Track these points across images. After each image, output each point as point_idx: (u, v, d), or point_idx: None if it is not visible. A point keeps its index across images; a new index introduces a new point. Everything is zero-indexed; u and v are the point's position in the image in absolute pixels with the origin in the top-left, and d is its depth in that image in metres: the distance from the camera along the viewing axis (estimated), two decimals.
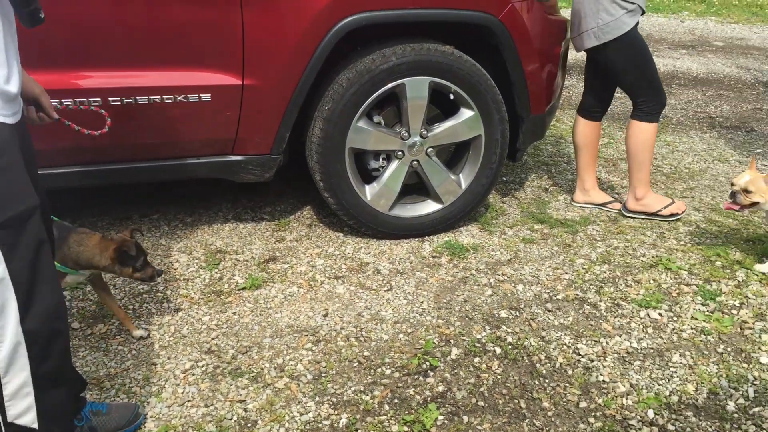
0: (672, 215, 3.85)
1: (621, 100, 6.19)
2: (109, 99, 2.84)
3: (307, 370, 2.55)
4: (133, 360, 2.58)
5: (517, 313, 2.93)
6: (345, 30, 3.00)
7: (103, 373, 2.50)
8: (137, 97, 2.88)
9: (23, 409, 1.70)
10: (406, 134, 3.32)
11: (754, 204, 3.15)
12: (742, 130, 5.67)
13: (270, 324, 2.81)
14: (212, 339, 2.71)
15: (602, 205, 3.98)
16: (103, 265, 2.46)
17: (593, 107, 3.88)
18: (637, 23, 3.57)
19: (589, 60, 3.83)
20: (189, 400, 2.38)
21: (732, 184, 3.21)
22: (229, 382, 2.47)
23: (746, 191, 3.13)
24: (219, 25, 2.88)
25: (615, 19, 3.49)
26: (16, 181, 1.62)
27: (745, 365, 2.64)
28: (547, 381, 2.53)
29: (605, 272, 3.27)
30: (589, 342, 2.75)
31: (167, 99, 2.92)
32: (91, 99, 2.80)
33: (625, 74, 3.66)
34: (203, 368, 2.54)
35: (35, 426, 1.73)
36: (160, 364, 2.56)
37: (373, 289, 3.10)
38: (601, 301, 3.04)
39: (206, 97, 2.97)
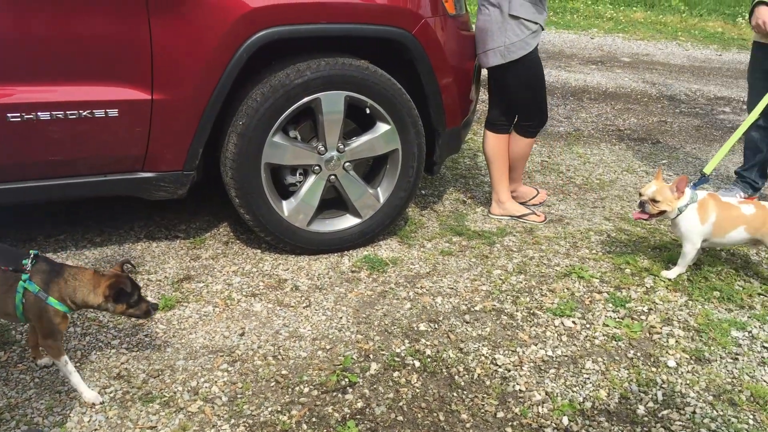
0: (536, 205, 4.29)
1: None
2: (8, 115, 2.71)
3: (222, 391, 2.48)
4: (36, 389, 2.45)
5: (436, 326, 2.95)
6: (258, 44, 2.96)
7: (2, 404, 2.36)
8: (39, 113, 2.76)
9: None
10: (323, 149, 3.30)
11: (662, 213, 3.27)
12: (648, 141, 5.91)
13: (184, 345, 2.73)
14: (122, 363, 2.60)
15: (519, 217, 4.06)
16: (97, 303, 2.30)
17: (499, 120, 3.96)
18: (537, 44, 3.67)
19: (490, 75, 3.90)
20: (96, 429, 2.27)
21: (640, 194, 3.32)
22: (140, 408, 2.37)
23: (654, 201, 3.25)
24: (125, 38, 2.79)
25: (520, 39, 3.58)
26: None
27: (653, 369, 2.73)
28: (465, 392, 2.55)
29: (521, 282, 3.33)
30: (506, 352, 2.79)
31: (71, 115, 2.81)
32: None
33: (518, 94, 3.80)
34: (111, 394, 2.43)
35: None
36: (64, 392, 2.43)
37: (292, 306, 3.05)
38: (517, 311, 3.09)
39: (113, 112, 2.87)
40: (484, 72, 3.94)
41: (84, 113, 2.83)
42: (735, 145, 3.64)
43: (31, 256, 2.25)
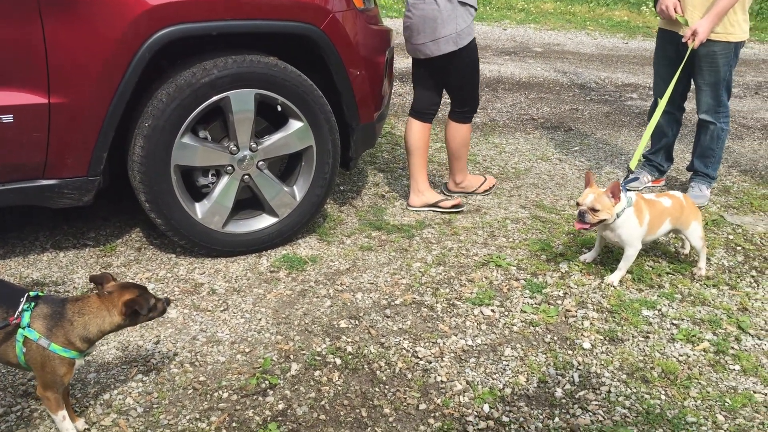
0: (487, 190, 4.43)
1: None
2: None
3: (138, 402, 2.40)
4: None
5: (357, 322, 2.94)
6: (160, 43, 2.86)
7: None
8: None
9: None
10: (235, 148, 3.23)
11: (602, 221, 3.18)
12: (561, 129, 6.06)
13: (95, 357, 2.62)
14: (28, 380, 2.47)
15: (437, 203, 4.09)
16: (116, 325, 2.10)
17: (427, 109, 4.00)
18: None
19: (420, 64, 3.92)
20: None
21: (578, 204, 3.20)
22: (49, 425, 2.26)
23: (593, 210, 3.14)
24: (16, 39, 2.65)
25: (467, 25, 3.71)
26: None
27: (570, 352, 2.80)
28: (387, 387, 2.55)
29: (441, 274, 3.36)
30: (427, 344, 2.80)
31: None
32: None
33: (462, 79, 3.91)
34: (18, 413, 2.32)
35: None
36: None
37: (209, 310, 2.98)
38: (437, 302, 3.11)
39: (7, 118, 2.73)
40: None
41: None
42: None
43: (29, 298, 2.05)
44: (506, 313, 3.05)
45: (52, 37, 2.69)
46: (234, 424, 2.32)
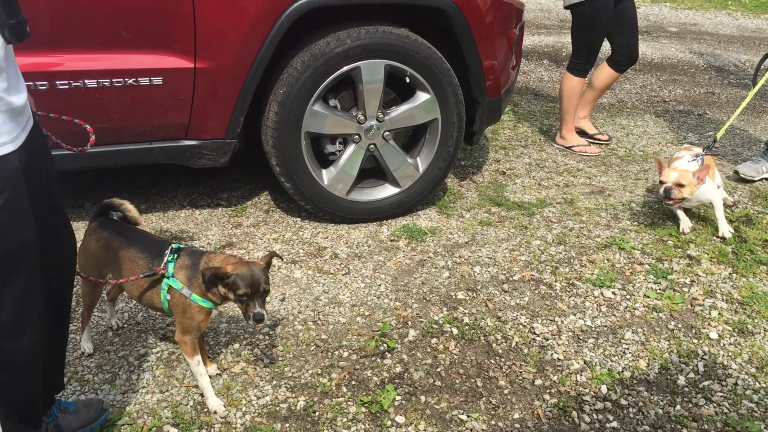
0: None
1: None
2: (57, 82, 2.78)
3: (264, 354, 2.54)
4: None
5: (474, 295, 2.96)
6: (298, 13, 2.97)
7: None
8: (86, 81, 2.82)
9: None
10: (363, 118, 3.30)
11: (685, 198, 3.39)
12: (694, 113, 5.77)
13: (226, 309, 2.79)
14: (167, 325, 2.67)
15: (572, 147, 4.68)
16: (224, 292, 2.12)
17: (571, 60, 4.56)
18: None
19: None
20: (144, 387, 2.35)
21: (662, 183, 3.40)
22: (185, 368, 2.44)
23: (679, 185, 3.35)
24: (169, 7, 2.82)
25: None
26: (12, 217, 1.52)
27: (695, 341, 2.70)
28: (503, 360, 2.56)
29: (561, 253, 3.32)
30: (545, 321, 2.79)
31: (117, 82, 2.87)
32: (38, 82, 2.72)
33: (578, 30, 4.40)
34: (158, 354, 2.51)
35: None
36: (113, 351, 2.52)
37: (331, 273, 3.09)
38: (556, 281, 3.07)
39: (157, 80, 2.92)
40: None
41: (129, 81, 2.88)
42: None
43: (173, 250, 2.18)
44: (628, 296, 2.98)
45: (201, 6, 2.84)
46: (353, 382, 2.41)
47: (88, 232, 2.35)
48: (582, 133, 4.82)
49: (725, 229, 3.46)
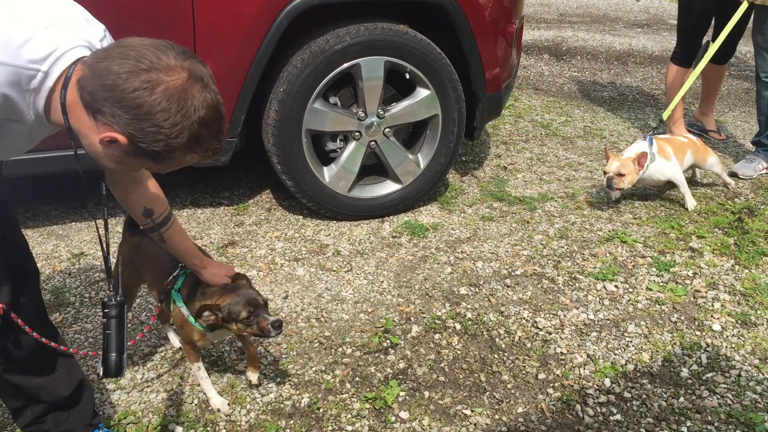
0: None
1: (575, 81, 6.26)
2: None
3: (268, 351, 2.54)
4: (90, 347, 2.55)
5: (477, 290, 2.96)
6: (297, 10, 2.97)
7: None
8: None
9: None
10: (363, 115, 3.31)
11: (627, 187, 3.58)
12: (696, 105, 5.75)
13: None
14: (170, 325, 2.67)
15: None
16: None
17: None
18: None
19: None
20: (148, 385, 2.36)
21: (605, 173, 3.57)
22: (189, 366, 2.45)
23: (620, 175, 3.52)
24: (168, 7, 2.82)
25: None
26: None
27: (698, 333, 2.70)
28: (506, 354, 2.56)
29: (563, 247, 3.32)
30: (547, 315, 2.79)
31: None
32: None
33: (678, 17, 4.56)
34: (162, 353, 2.52)
35: None
36: None
37: (334, 270, 3.09)
38: (558, 275, 3.08)
39: None
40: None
41: None
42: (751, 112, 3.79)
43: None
44: (630, 289, 2.98)
45: (200, 6, 2.84)
46: (357, 379, 2.42)
47: (121, 243, 2.34)
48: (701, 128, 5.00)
49: (691, 204, 3.69)
